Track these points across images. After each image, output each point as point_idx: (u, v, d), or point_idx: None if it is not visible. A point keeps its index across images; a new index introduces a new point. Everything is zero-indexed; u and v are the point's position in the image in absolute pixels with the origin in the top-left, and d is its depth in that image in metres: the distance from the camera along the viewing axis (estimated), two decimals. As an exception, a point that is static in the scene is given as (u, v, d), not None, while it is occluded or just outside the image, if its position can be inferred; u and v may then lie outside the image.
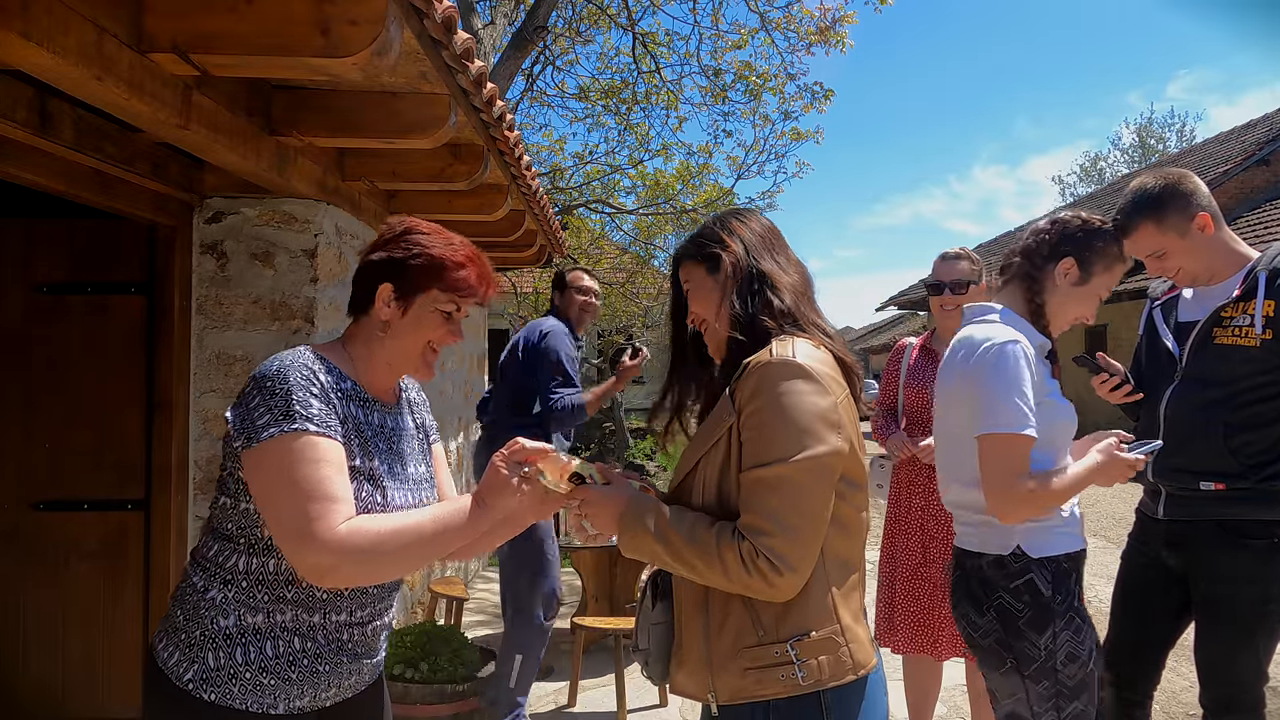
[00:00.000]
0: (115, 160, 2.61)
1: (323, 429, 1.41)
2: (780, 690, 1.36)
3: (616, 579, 4.81)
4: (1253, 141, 14.98)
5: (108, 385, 3.21)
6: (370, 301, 1.54)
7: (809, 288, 1.56)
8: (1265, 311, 2.18)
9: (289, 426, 1.38)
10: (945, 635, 3.00)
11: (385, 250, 1.55)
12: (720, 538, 1.34)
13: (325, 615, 1.50)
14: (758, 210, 1.66)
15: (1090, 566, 7.25)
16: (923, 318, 24.29)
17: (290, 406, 1.39)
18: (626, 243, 12.61)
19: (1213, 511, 2.28)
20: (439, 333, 1.56)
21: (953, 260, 3.14)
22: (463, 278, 1.54)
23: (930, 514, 3.05)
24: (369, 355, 1.56)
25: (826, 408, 1.37)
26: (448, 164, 3.35)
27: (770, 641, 1.36)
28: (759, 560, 1.31)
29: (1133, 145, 34.47)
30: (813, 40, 8.79)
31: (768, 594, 1.34)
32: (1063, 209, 15.32)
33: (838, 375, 1.44)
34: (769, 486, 1.34)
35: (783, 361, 1.38)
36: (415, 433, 1.69)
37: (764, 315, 1.47)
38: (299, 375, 1.43)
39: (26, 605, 3.22)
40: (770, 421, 1.36)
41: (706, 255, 1.54)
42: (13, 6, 1.58)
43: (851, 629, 1.40)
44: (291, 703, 1.48)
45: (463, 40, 2.42)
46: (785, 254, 1.57)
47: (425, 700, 3.34)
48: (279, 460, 1.37)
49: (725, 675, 1.39)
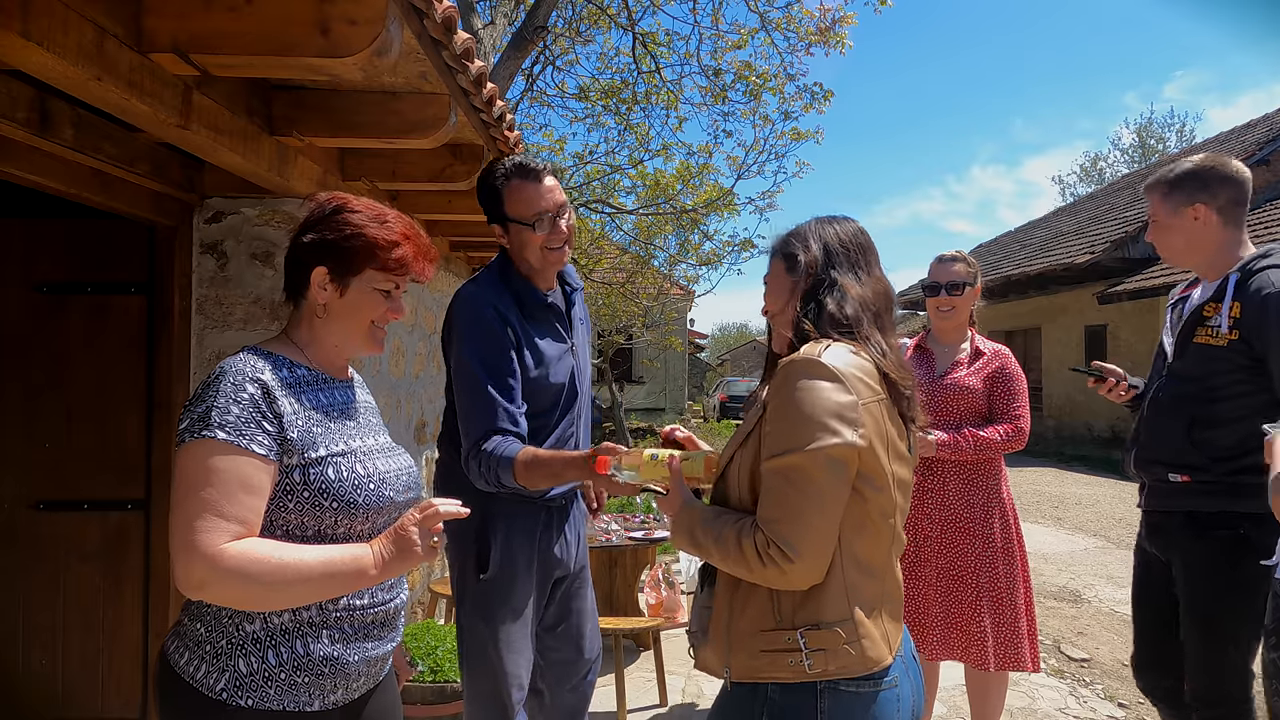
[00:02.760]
0: (115, 160, 2.61)
1: (234, 437, 1.39)
2: (789, 675, 1.43)
3: (616, 579, 4.81)
4: (1252, 141, 14.99)
5: (108, 385, 3.21)
6: (305, 285, 1.53)
7: (883, 303, 1.60)
8: (1231, 313, 2.27)
9: (199, 433, 1.39)
10: (936, 636, 3.00)
11: (316, 231, 1.52)
12: (740, 533, 1.43)
13: (348, 600, 1.50)
14: (855, 222, 1.68)
15: (1090, 566, 7.24)
16: (922, 318, 24.27)
17: (209, 414, 1.39)
18: (626, 243, 12.59)
19: (1181, 503, 2.38)
20: (379, 311, 1.55)
21: (949, 262, 3.17)
22: (399, 256, 1.52)
23: (924, 514, 3.05)
24: (314, 339, 1.56)
25: (845, 404, 1.41)
26: (448, 164, 3.35)
27: (785, 627, 1.43)
28: (770, 549, 1.38)
29: (1133, 145, 34.51)
30: (812, 41, 8.79)
31: (782, 582, 1.41)
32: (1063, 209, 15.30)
33: (872, 382, 1.47)
34: (781, 475, 1.41)
35: (806, 360, 1.45)
36: (370, 405, 1.70)
37: (822, 320, 1.53)
38: (229, 382, 1.42)
39: (26, 605, 3.22)
40: (787, 414, 1.42)
41: (788, 254, 1.62)
42: (13, 6, 1.59)
43: (864, 625, 1.44)
44: (326, 698, 1.49)
45: (463, 40, 2.42)
46: (868, 268, 1.61)
47: (425, 700, 3.34)
48: (185, 465, 1.39)
49: (741, 654, 1.47)
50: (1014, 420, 3.05)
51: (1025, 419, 3.07)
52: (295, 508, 1.45)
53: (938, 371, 3.15)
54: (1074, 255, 14.85)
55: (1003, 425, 3.03)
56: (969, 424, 3.05)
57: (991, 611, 2.96)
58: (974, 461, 3.04)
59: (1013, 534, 3.04)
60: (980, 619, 2.95)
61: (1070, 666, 4.63)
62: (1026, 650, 2.98)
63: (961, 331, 3.22)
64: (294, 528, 1.46)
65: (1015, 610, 2.98)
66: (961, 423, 3.06)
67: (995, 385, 3.09)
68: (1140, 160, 32.32)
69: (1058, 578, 6.48)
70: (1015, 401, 3.07)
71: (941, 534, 3.02)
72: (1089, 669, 4.59)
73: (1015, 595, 2.99)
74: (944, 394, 3.09)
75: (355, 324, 1.55)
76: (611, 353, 17.34)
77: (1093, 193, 23.29)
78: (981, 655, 2.95)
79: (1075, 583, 6.34)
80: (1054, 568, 6.77)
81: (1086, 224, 17.24)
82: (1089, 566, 6.84)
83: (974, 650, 2.96)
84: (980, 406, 3.09)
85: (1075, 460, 13.86)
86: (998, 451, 3.02)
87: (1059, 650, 4.87)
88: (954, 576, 3.00)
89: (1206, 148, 18.05)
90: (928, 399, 3.10)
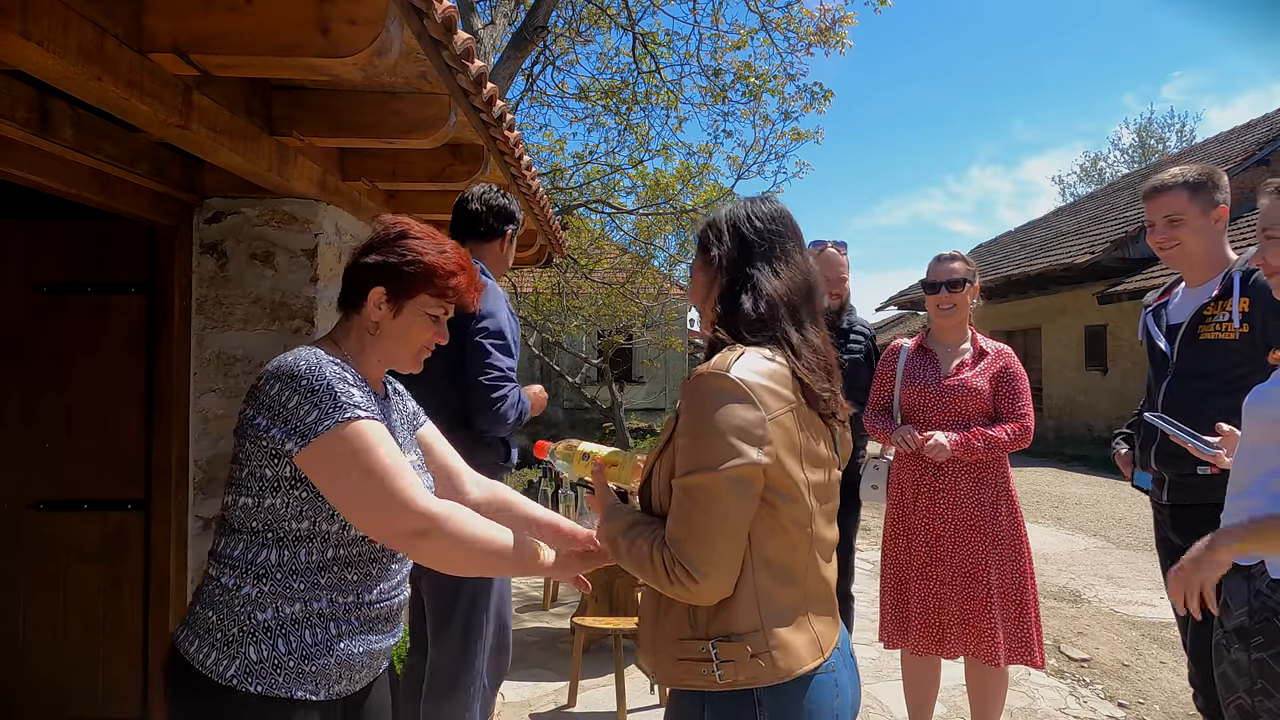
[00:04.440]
0: (115, 160, 2.61)
1: (369, 413, 1.47)
2: (702, 684, 1.41)
3: (616, 579, 4.81)
4: (1253, 141, 14.99)
5: (108, 385, 3.21)
6: (362, 301, 1.60)
7: (801, 295, 1.52)
8: (1241, 308, 2.41)
9: (342, 416, 1.44)
10: (953, 634, 3.02)
11: (380, 254, 1.61)
12: (652, 548, 1.41)
13: (359, 595, 1.55)
14: (775, 203, 1.59)
15: (1090, 566, 7.24)
16: (923, 318, 24.31)
17: (337, 398, 1.45)
18: (626, 243, 12.60)
19: (1210, 495, 2.37)
20: (428, 334, 1.64)
21: (947, 261, 3.22)
22: (454, 285, 1.62)
23: (936, 513, 3.07)
24: (362, 351, 1.63)
25: (750, 421, 1.37)
26: (448, 164, 3.35)
27: (700, 636, 1.42)
28: (676, 568, 1.37)
29: (1133, 146, 34.53)
30: (812, 41, 8.79)
31: (689, 598, 1.40)
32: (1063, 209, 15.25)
33: (784, 389, 1.42)
34: (687, 495, 1.38)
35: (714, 374, 1.40)
36: (399, 424, 1.74)
37: (736, 320, 1.49)
38: (333, 369, 1.49)
39: (26, 605, 3.22)
40: (694, 430, 1.39)
41: (702, 243, 1.58)
42: (12, 6, 1.59)
43: (777, 635, 1.41)
44: (331, 687, 1.53)
45: (463, 40, 2.42)
46: (785, 256, 1.53)
47: (425, 700, 3.33)
48: (345, 449, 1.43)
49: (663, 660, 1.47)
50: (1020, 419, 3.07)
51: (1031, 418, 3.10)
52: (298, 498, 1.48)
53: (943, 372, 3.17)
54: (1074, 255, 14.85)
55: (1010, 424, 3.06)
56: (976, 424, 3.08)
57: (1001, 606, 2.99)
58: (982, 460, 3.06)
59: (1020, 530, 3.07)
60: (991, 614, 2.98)
61: (1070, 666, 4.63)
62: (1035, 645, 3.00)
63: (962, 331, 3.23)
64: (288, 519, 1.49)
65: (1024, 605, 3.00)
66: (969, 423, 3.08)
67: (1000, 385, 3.12)
68: (1140, 160, 32.33)
69: (1058, 578, 6.48)
70: (1020, 400, 3.10)
71: (954, 532, 3.04)
72: (1089, 669, 4.59)
73: (1024, 591, 3.01)
74: (950, 395, 3.10)
75: (404, 344, 1.63)
76: (611, 353, 17.33)
77: (1093, 193, 23.29)
78: (992, 650, 2.97)
79: (1075, 583, 6.34)
80: (1054, 568, 6.77)
81: (1086, 224, 17.23)
82: (1089, 566, 6.84)
83: (985, 645, 2.98)
84: (986, 406, 3.11)
85: (1075, 460, 13.86)
86: (1006, 450, 3.05)
87: (1059, 650, 4.87)
88: (968, 573, 3.02)
89: (1207, 148, 18.06)
90: (934, 400, 3.13)
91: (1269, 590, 1.80)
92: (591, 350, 18.42)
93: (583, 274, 12.74)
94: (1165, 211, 2.56)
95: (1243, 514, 1.82)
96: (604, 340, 16.78)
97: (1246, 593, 1.85)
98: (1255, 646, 1.80)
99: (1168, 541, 2.65)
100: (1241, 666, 1.83)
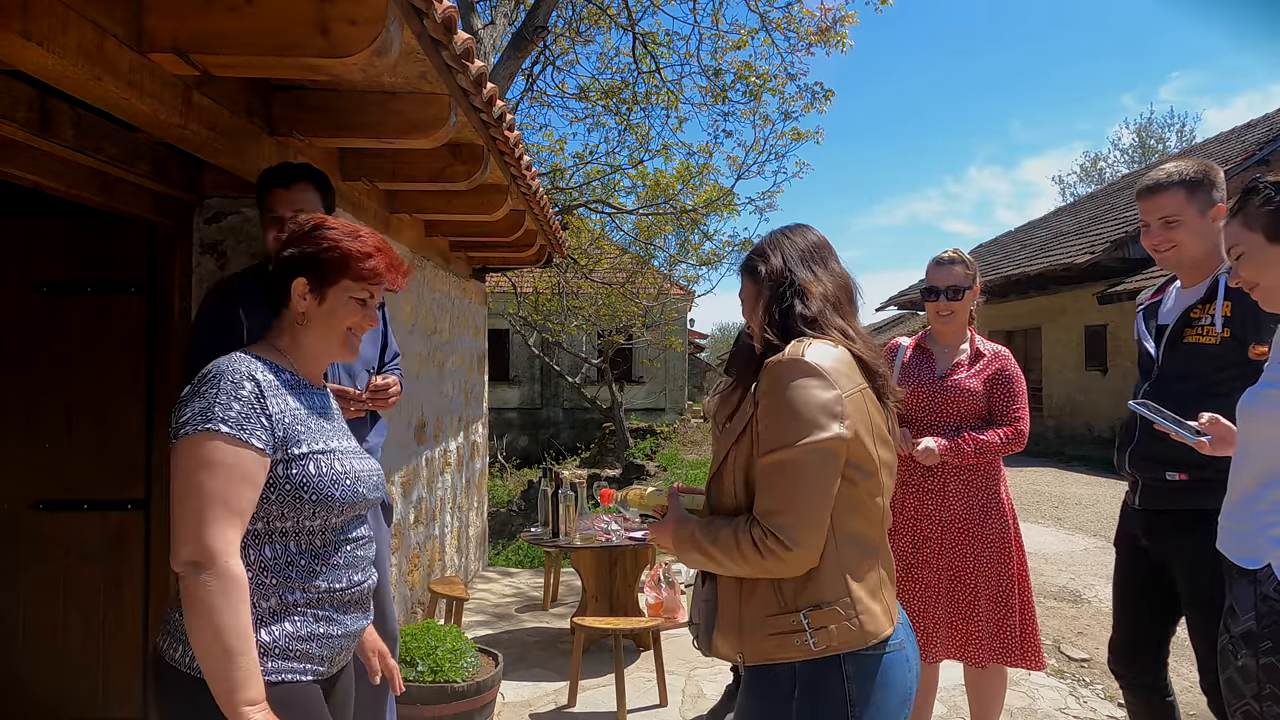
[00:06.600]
0: (115, 160, 2.61)
1: (236, 431, 1.48)
2: (797, 654, 1.52)
3: (616, 579, 4.81)
4: (1253, 141, 14.99)
5: (108, 385, 3.21)
6: (287, 295, 1.67)
7: (844, 295, 1.71)
8: (1224, 312, 2.35)
9: (203, 426, 1.48)
10: (939, 637, 3.00)
11: (297, 246, 1.67)
12: (737, 532, 1.52)
13: (329, 582, 1.60)
14: (809, 227, 1.79)
15: (1090, 566, 7.22)
16: (922, 318, 24.29)
17: (210, 408, 1.49)
18: (626, 243, 12.61)
19: (1179, 501, 2.40)
20: (355, 318, 1.70)
21: (947, 265, 3.14)
22: (371, 267, 1.67)
23: (924, 514, 3.05)
24: (296, 345, 1.69)
25: (830, 399, 1.51)
26: (448, 164, 3.35)
27: (789, 610, 1.53)
28: (768, 540, 1.47)
29: (1133, 145, 34.51)
30: (813, 40, 8.78)
31: (781, 570, 1.50)
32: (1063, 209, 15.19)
33: (852, 372, 1.58)
34: (776, 469, 1.50)
35: (791, 360, 1.53)
36: (340, 413, 1.82)
37: (790, 320, 1.64)
38: (230, 380, 1.53)
39: (26, 605, 3.22)
40: (778, 412, 1.51)
41: (750, 268, 1.74)
42: (12, 6, 1.59)
43: (863, 601, 1.54)
44: (318, 668, 1.59)
45: (463, 40, 2.42)
46: (826, 265, 1.72)
47: (425, 700, 3.34)
48: (189, 459, 1.48)
49: (753, 639, 1.56)
50: (1014, 422, 3.04)
51: (1025, 421, 3.07)
52: (277, 500, 1.55)
53: (938, 373, 3.15)
54: (1074, 255, 14.84)
55: (1003, 428, 3.03)
56: (969, 425, 3.05)
57: (987, 610, 2.97)
58: (974, 464, 3.04)
59: (1010, 535, 3.04)
60: (976, 617, 2.96)
61: (1070, 666, 4.63)
62: (1020, 647, 2.98)
63: (961, 332, 3.21)
64: (274, 518, 1.55)
65: (1009, 609, 2.98)
66: (962, 424, 3.06)
67: (995, 387, 3.09)
68: (1140, 160, 32.32)
69: (1058, 578, 6.48)
70: (1015, 403, 3.07)
71: (942, 535, 3.02)
72: (1089, 669, 4.59)
73: (1010, 595, 2.99)
74: (945, 395, 3.08)
75: (333, 330, 1.68)
76: (611, 353, 17.33)
77: (1093, 193, 23.29)
78: (976, 652, 2.96)
79: (1075, 583, 6.34)
80: (1054, 568, 6.77)
81: (1086, 224, 17.23)
82: (1089, 566, 6.84)
83: (970, 648, 2.98)
84: (980, 408, 3.08)
85: (1075, 460, 13.85)
86: (998, 454, 3.02)
87: (1059, 650, 4.87)
88: (953, 577, 3.00)
89: (1207, 147, 18.06)
90: (929, 400, 3.10)
91: (1276, 594, 1.77)
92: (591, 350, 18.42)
93: (583, 274, 12.74)
94: (1161, 212, 2.45)
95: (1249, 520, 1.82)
96: (604, 340, 16.79)
97: (1253, 597, 1.82)
98: (1264, 651, 1.77)
99: (1141, 549, 2.57)
100: (1249, 672, 1.79)
